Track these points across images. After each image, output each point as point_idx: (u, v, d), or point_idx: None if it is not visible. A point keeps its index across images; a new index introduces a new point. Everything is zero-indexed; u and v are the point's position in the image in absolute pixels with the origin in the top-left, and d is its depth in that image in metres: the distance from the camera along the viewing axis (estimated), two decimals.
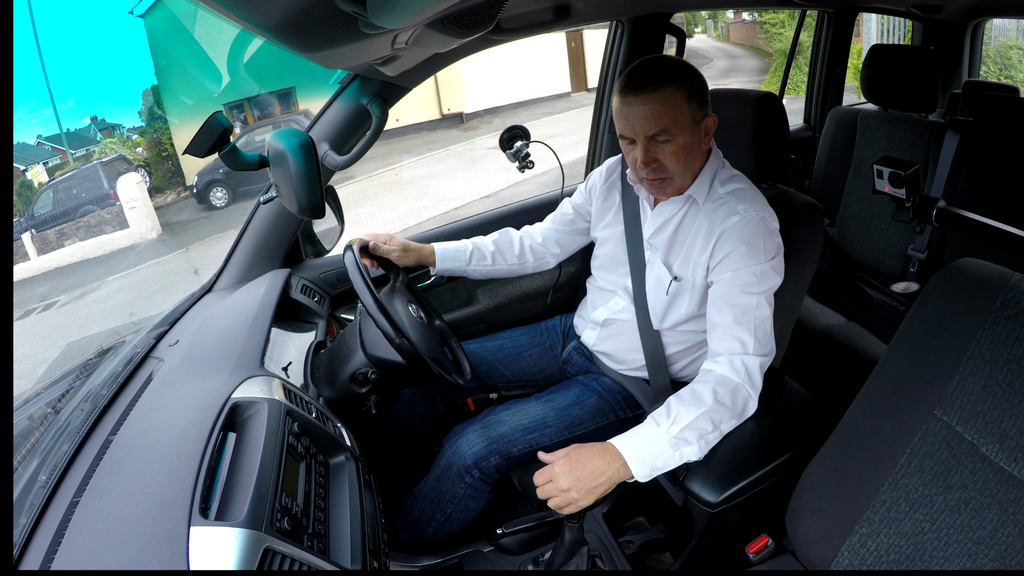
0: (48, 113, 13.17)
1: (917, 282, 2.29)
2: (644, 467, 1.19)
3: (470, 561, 1.47)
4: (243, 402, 1.03)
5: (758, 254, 1.30)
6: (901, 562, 0.95)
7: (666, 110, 1.27)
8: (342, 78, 1.60)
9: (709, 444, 1.24)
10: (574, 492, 1.15)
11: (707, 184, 1.40)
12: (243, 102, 13.72)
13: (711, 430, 1.23)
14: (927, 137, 2.31)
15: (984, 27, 3.11)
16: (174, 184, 13.07)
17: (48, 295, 8.87)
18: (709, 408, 1.22)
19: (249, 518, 0.79)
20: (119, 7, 13.22)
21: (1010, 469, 0.86)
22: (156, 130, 13.41)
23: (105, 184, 11.54)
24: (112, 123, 13.86)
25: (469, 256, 1.71)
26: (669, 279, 1.44)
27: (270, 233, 1.71)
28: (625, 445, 1.20)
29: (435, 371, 1.29)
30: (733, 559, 1.28)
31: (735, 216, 1.33)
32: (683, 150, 1.31)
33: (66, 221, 11.20)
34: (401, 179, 11.62)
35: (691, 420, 1.21)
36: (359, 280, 1.26)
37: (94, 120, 13.72)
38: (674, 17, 2.15)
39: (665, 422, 1.21)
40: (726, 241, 1.33)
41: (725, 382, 1.27)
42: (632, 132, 1.31)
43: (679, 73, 1.28)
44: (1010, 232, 1.53)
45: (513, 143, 1.94)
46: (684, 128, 1.29)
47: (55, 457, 0.99)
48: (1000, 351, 0.90)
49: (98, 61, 13.81)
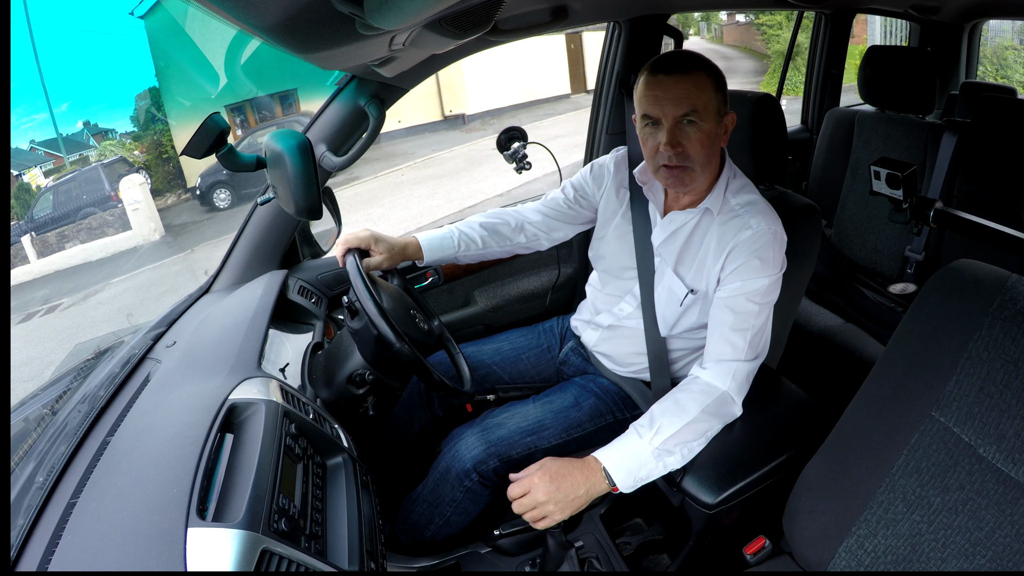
0: (41, 118, 13.16)
1: (914, 283, 2.29)
2: (628, 479, 1.20)
3: (467, 562, 1.47)
4: (240, 403, 1.02)
5: (767, 267, 1.31)
6: (898, 563, 0.96)
7: (698, 92, 1.27)
8: (339, 79, 1.60)
9: (693, 452, 1.26)
10: (551, 505, 1.17)
11: (721, 194, 1.39)
12: (244, 103, 13.70)
13: (694, 439, 1.24)
14: (924, 138, 2.31)
15: (981, 28, 3.12)
16: (174, 186, 13.04)
17: (50, 298, 8.82)
18: (693, 419, 1.23)
19: (246, 519, 0.79)
20: (111, 12, 13.24)
21: (1007, 470, 0.87)
22: (156, 132, 13.36)
23: (106, 186, 11.52)
24: (105, 128, 13.84)
25: (457, 243, 1.62)
26: (685, 291, 1.42)
27: (267, 234, 1.71)
28: (608, 457, 1.21)
29: (436, 377, 1.28)
30: (730, 560, 1.28)
31: (748, 230, 1.32)
32: (708, 138, 1.30)
33: (67, 223, 11.20)
34: (408, 179, 11.63)
35: (674, 431, 1.22)
36: (360, 285, 1.26)
37: (87, 125, 13.71)
38: (668, 19, 2.15)
39: (648, 433, 1.22)
40: (739, 254, 1.32)
41: (710, 391, 1.28)
42: (660, 112, 1.28)
43: (707, 64, 1.30)
44: (1007, 233, 1.53)
45: (510, 144, 1.93)
46: (711, 116, 1.29)
47: (52, 458, 0.99)
48: (997, 352, 0.90)
49: (90, 66, 13.79)
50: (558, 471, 1.19)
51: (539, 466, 1.21)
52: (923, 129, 2.32)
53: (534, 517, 1.18)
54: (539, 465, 1.21)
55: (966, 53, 3.07)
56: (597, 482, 1.19)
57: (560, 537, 1.25)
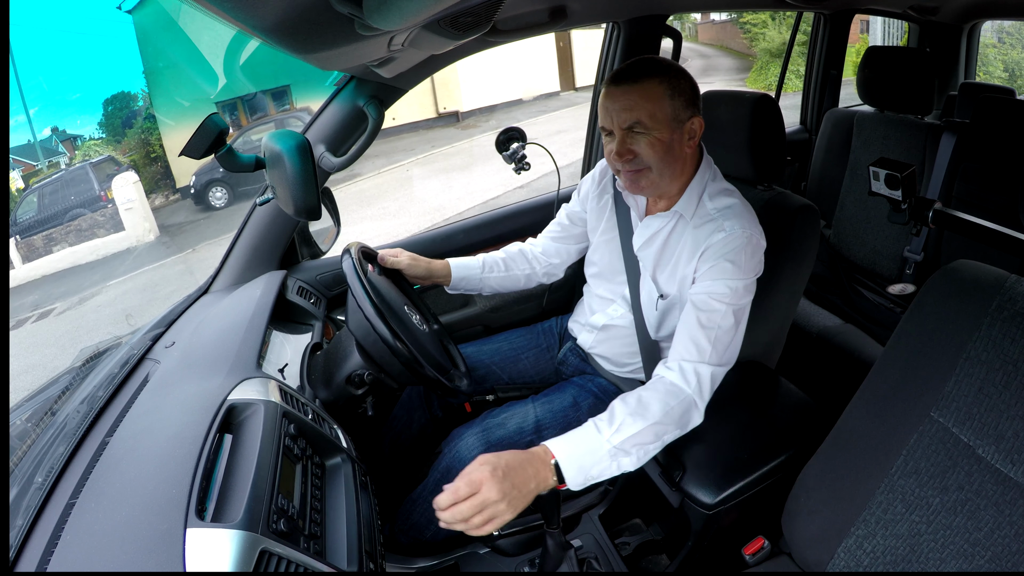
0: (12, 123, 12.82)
1: (913, 284, 2.29)
2: (580, 475, 1.12)
3: (466, 563, 1.47)
4: (239, 404, 1.02)
5: (739, 271, 1.28)
6: (897, 564, 0.96)
7: (644, 103, 1.27)
8: (338, 80, 1.60)
9: (648, 456, 1.19)
10: (504, 503, 1.03)
11: (695, 198, 1.39)
12: (236, 101, 13.40)
13: (652, 441, 1.18)
14: (923, 139, 2.31)
15: (980, 29, 3.13)
16: (162, 187, 12.59)
17: (40, 303, 8.45)
18: (655, 421, 1.17)
19: (245, 520, 0.79)
20: (80, 18, 12.90)
21: (1006, 471, 0.87)
22: (144, 131, 12.98)
23: (96, 186, 11.08)
24: (73, 134, 13.42)
25: (481, 265, 1.68)
26: (656, 296, 1.44)
27: (266, 235, 1.71)
28: (562, 450, 1.13)
29: (434, 377, 1.28)
30: (729, 561, 1.28)
31: (720, 233, 1.31)
32: (660, 144, 1.30)
33: (54, 226, 10.69)
34: (414, 175, 11.56)
35: (635, 432, 1.15)
36: (357, 286, 1.26)
37: (55, 131, 13.31)
38: (667, 19, 2.15)
39: (608, 429, 1.15)
40: (710, 256, 1.31)
41: (675, 393, 1.23)
42: (610, 123, 1.31)
43: (663, 71, 1.29)
44: (1006, 234, 1.53)
45: (509, 144, 1.93)
46: (662, 123, 1.28)
47: (52, 459, 0.99)
48: (996, 353, 0.90)
49: (57, 71, 13.44)
50: (508, 464, 1.07)
51: (481, 462, 1.07)
52: (922, 130, 2.32)
53: (482, 520, 1.03)
54: (481, 462, 1.07)
55: (965, 54, 3.08)
56: (546, 476, 1.10)
57: (559, 537, 1.25)
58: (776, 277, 1.45)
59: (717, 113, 1.59)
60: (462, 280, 1.67)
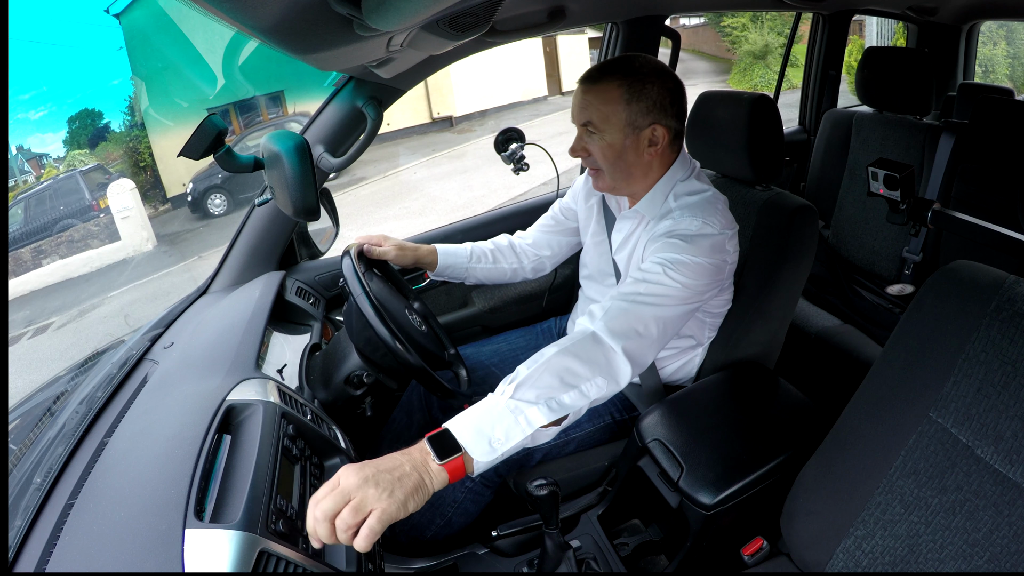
0: None
1: (912, 284, 2.29)
2: (479, 440, 0.97)
3: (465, 563, 1.46)
4: (238, 404, 1.03)
5: (688, 246, 1.21)
6: (896, 564, 0.96)
7: (597, 104, 1.26)
8: (337, 80, 1.60)
9: (562, 406, 1.03)
10: (371, 488, 0.84)
11: (661, 198, 1.36)
12: (228, 107, 12.98)
13: (557, 384, 1.03)
14: (922, 139, 2.31)
15: (979, 29, 3.13)
16: (151, 197, 11.91)
17: (34, 319, 7.92)
18: (548, 358, 1.05)
19: (244, 520, 0.79)
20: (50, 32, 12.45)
21: (1005, 471, 0.87)
22: (131, 139, 12.46)
23: (87, 195, 10.61)
24: (38, 152, 12.85)
25: (469, 254, 1.68)
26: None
27: (265, 235, 1.71)
28: (454, 420, 1.00)
29: (434, 379, 1.28)
30: (728, 561, 1.28)
31: (669, 220, 1.28)
32: (610, 149, 1.29)
33: (43, 238, 10.10)
34: (424, 176, 11.55)
35: (528, 374, 1.03)
36: (357, 287, 1.25)
37: (20, 150, 12.70)
38: (665, 20, 2.15)
39: (505, 386, 1.04)
40: (658, 237, 1.27)
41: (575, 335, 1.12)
42: (573, 119, 1.33)
43: (628, 73, 1.26)
44: (1005, 234, 1.54)
45: (508, 145, 1.94)
46: (614, 128, 1.27)
47: (50, 459, 0.99)
48: (995, 353, 0.90)
49: (21, 90, 12.70)
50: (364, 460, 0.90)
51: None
52: (921, 130, 2.32)
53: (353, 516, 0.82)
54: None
55: (963, 54, 3.08)
56: (422, 454, 0.93)
57: (558, 538, 1.25)
58: (775, 277, 1.46)
59: (716, 113, 1.59)
60: (448, 268, 1.66)
